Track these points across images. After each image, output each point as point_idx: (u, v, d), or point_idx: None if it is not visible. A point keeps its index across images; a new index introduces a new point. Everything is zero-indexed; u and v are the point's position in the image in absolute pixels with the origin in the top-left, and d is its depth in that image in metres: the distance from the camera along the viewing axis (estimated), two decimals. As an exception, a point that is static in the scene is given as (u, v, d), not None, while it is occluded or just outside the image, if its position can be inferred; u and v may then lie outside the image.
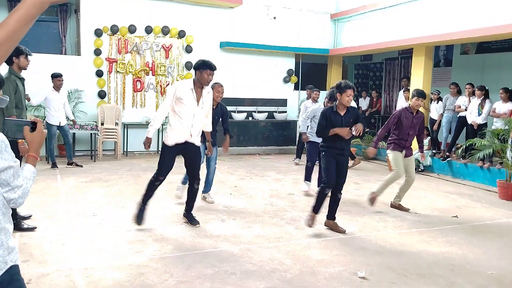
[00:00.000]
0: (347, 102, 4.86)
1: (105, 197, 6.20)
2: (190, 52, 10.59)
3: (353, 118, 4.96)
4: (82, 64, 9.77)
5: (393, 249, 4.57)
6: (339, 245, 4.61)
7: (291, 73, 11.81)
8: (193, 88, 4.69)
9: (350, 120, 4.94)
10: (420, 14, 9.26)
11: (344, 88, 4.82)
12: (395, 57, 13.31)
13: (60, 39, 10.71)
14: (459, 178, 8.64)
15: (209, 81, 4.73)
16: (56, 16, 10.78)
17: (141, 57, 10.22)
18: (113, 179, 7.43)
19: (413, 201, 6.57)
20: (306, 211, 5.83)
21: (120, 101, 10.12)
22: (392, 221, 5.58)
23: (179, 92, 4.67)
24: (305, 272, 3.89)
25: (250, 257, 4.17)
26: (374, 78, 14.67)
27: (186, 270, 3.81)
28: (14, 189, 1.70)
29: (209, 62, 4.71)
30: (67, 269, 3.74)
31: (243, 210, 5.84)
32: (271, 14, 11.24)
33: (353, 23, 11.46)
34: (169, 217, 5.37)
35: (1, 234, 1.71)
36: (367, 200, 6.07)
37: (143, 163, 9.04)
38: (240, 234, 4.84)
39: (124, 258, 4.04)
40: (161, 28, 10.27)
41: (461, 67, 10.95)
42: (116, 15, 9.87)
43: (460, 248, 4.67)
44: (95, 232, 4.73)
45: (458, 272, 4.03)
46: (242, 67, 11.11)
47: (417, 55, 9.78)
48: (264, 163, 9.79)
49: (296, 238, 4.78)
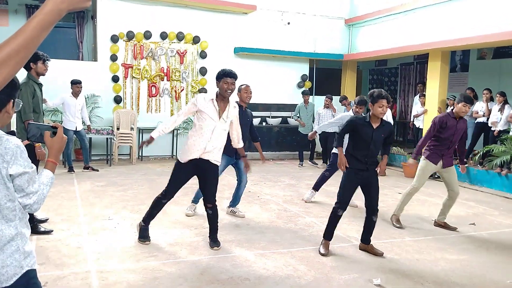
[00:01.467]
0: (380, 113, 4.26)
1: (121, 201, 6.25)
2: (204, 58, 10.66)
3: (385, 134, 4.40)
4: (99, 69, 9.90)
5: (409, 256, 4.50)
6: (354, 252, 4.56)
7: (305, 78, 11.80)
8: (214, 99, 4.29)
9: (382, 135, 4.38)
10: (436, 19, 9.17)
11: (376, 98, 4.24)
12: (410, 62, 13.20)
13: (77, 45, 10.90)
14: (477, 185, 8.50)
15: (228, 91, 4.24)
16: (73, 23, 10.98)
17: (156, 62, 10.32)
18: (128, 183, 7.49)
19: (430, 208, 6.48)
20: (320, 217, 5.80)
21: (135, 106, 10.22)
22: (408, 228, 5.51)
23: (200, 104, 4.28)
24: (319, 278, 3.85)
25: (264, 263, 4.15)
26: (389, 83, 14.57)
27: (200, 275, 3.82)
28: (29, 195, 1.71)
29: (228, 70, 4.32)
30: (83, 272, 3.78)
31: (257, 215, 5.83)
32: (285, 20, 11.25)
33: (367, 28, 11.41)
34: (183, 221, 5.39)
35: (18, 239, 1.73)
36: (393, 224, 5.55)
37: (158, 168, 9.10)
38: (253, 240, 4.82)
39: (139, 262, 4.06)
40: (176, 34, 10.36)
41: (478, 72, 10.82)
42: (132, 21, 10.00)
43: (478, 256, 4.59)
44: (111, 236, 4.77)
45: (476, 280, 3.95)
46: (256, 73, 11.13)
47: (433, 60, 9.69)
48: (277, 169, 9.77)
49: (311, 244, 4.74)
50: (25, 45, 1.21)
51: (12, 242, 1.70)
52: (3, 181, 1.63)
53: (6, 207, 1.66)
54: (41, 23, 1.24)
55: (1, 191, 1.64)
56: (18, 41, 1.20)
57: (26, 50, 1.22)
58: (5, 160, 1.62)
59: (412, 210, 6.41)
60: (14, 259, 1.71)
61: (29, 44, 1.22)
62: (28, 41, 1.21)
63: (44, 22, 1.24)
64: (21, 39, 1.20)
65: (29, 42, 1.22)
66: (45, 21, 1.25)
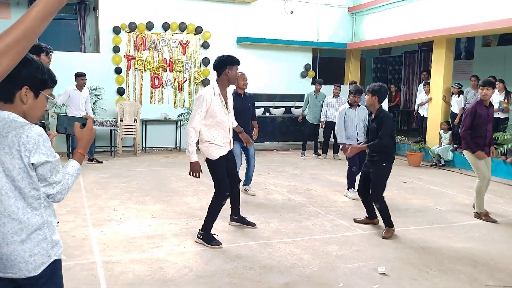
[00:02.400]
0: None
1: (125, 193, 6.27)
2: (207, 48, 10.61)
3: (377, 124, 4.72)
4: (101, 61, 9.89)
5: (414, 245, 4.50)
6: (358, 241, 4.57)
7: (309, 68, 11.73)
8: (220, 93, 4.21)
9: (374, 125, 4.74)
10: (441, 6, 9.07)
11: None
12: (414, 50, 13.10)
13: (79, 37, 10.86)
14: (481, 173, 8.45)
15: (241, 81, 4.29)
16: (75, 14, 10.93)
17: (158, 53, 10.28)
18: (133, 174, 7.51)
19: (435, 197, 6.47)
20: (324, 206, 5.80)
21: (138, 97, 10.22)
22: (412, 216, 5.50)
23: (211, 104, 4.15)
24: (324, 267, 3.86)
25: (269, 252, 4.17)
26: (393, 72, 14.47)
27: (205, 265, 3.83)
28: (52, 184, 1.70)
29: (235, 57, 4.32)
30: (89, 263, 3.80)
31: (261, 205, 5.84)
32: (288, 9, 11.15)
33: (371, 16, 11.30)
34: (188, 212, 5.41)
35: (45, 227, 1.73)
36: (486, 220, 5.37)
37: (162, 159, 9.12)
38: (258, 230, 4.83)
39: (144, 253, 4.08)
40: (178, 24, 10.31)
41: (483, 59, 10.72)
42: (134, 13, 9.95)
43: (483, 244, 4.58)
44: (116, 227, 4.79)
45: (481, 268, 3.95)
46: (259, 63, 11.08)
47: (438, 47, 9.60)
48: (281, 159, 9.76)
49: (315, 234, 4.75)
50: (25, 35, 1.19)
51: (39, 230, 1.71)
52: (25, 170, 1.63)
53: (31, 195, 1.67)
54: (41, 12, 1.22)
55: (24, 179, 1.64)
56: (18, 31, 1.18)
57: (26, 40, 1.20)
58: (27, 149, 1.62)
59: (416, 198, 6.40)
60: (41, 247, 1.72)
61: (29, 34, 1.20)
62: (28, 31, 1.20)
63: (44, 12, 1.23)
64: (21, 29, 1.19)
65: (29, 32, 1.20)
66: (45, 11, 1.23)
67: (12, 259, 1.67)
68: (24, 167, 1.63)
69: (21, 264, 1.68)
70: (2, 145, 1.61)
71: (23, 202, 1.66)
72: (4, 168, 1.62)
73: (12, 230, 1.66)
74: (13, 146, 1.61)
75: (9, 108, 1.66)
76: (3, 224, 1.65)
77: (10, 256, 1.67)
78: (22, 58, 1.59)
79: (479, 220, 5.40)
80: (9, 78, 1.58)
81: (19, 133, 1.62)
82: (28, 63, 1.65)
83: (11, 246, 1.66)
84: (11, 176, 1.63)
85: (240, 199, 5.04)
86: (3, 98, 1.66)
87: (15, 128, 1.62)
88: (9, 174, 1.63)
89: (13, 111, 1.66)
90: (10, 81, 1.60)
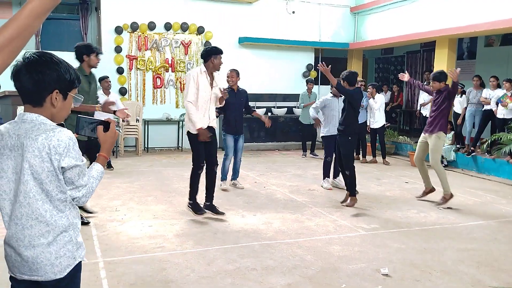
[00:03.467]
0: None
1: (127, 193, 6.27)
2: (209, 48, 10.59)
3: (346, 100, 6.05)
4: (103, 61, 9.72)
5: (417, 245, 4.49)
6: (361, 242, 4.55)
7: (311, 68, 11.72)
8: (206, 71, 5.00)
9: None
10: (443, 6, 9.05)
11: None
12: (417, 50, 13.06)
13: (81, 37, 10.86)
14: (484, 173, 8.44)
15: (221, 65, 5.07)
16: (77, 14, 10.94)
17: (160, 53, 10.29)
18: (135, 174, 7.51)
19: (437, 197, 6.44)
20: (327, 207, 5.79)
21: (140, 97, 10.22)
22: (415, 217, 5.49)
23: (199, 80, 4.93)
24: (326, 268, 3.85)
25: (271, 253, 4.16)
26: (395, 72, 14.41)
27: (207, 266, 3.82)
28: (78, 188, 1.71)
29: (219, 48, 5.08)
30: (91, 264, 3.80)
31: (263, 205, 5.83)
32: (290, 9, 11.15)
33: (373, 16, 11.28)
34: (189, 212, 5.39)
35: (70, 229, 1.73)
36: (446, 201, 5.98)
37: (164, 159, 9.12)
38: (260, 230, 4.83)
39: (146, 253, 4.08)
40: (180, 24, 10.31)
41: (486, 59, 10.68)
42: (136, 12, 9.95)
43: (486, 245, 4.56)
44: (118, 227, 4.79)
45: (484, 269, 3.93)
46: (261, 63, 11.07)
47: (440, 47, 9.57)
48: (283, 159, 9.75)
49: (317, 234, 4.74)
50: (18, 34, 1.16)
51: (65, 232, 1.71)
52: (54, 173, 1.64)
53: (58, 198, 1.67)
54: (34, 10, 1.19)
55: (53, 182, 1.64)
56: (11, 30, 1.16)
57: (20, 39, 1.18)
58: (58, 152, 1.62)
59: (419, 199, 6.38)
60: (67, 249, 1.72)
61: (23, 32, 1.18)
62: (21, 30, 1.17)
63: (37, 10, 1.19)
64: (14, 27, 1.16)
65: (22, 31, 1.17)
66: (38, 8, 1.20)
67: (38, 262, 1.67)
68: (53, 170, 1.63)
69: (47, 267, 1.68)
70: (32, 148, 1.61)
71: (49, 205, 1.66)
72: (33, 171, 1.62)
73: (39, 233, 1.66)
74: (43, 149, 1.61)
75: (37, 110, 1.65)
76: (30, 227, 1.65)
77: (36, 259, 1.67)
78: (51, 61, 1.61)
79: (481, 221, 5.39)
80: (39, 83, 1.59)
81: (49, 136, 1.61)
82: (57, 66, 1.64)
83: (37, 249, 1.66)
84: (39, 179, 1.63)
85: (241, 198, 5.06)
86: (33, 102, 1.65)
87: (45, 131, 1.62)
88: (37, 177, 1.63)
89: (41, 113, 1.65)
90: (40, 86, 1.61)
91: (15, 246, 1.67)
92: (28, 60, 1.60)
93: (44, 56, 1.63)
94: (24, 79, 1.59)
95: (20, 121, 1.65)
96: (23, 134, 1.62)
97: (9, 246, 1.70)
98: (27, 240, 1.66)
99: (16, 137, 1.63)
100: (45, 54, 1.64)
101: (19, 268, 1.69)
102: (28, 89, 1.61)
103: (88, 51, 4.64)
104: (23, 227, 1.65)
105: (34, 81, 1.60)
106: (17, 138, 1.63)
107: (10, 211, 1.67)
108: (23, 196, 1.63)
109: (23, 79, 1.60)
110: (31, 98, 1.64)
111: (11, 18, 1.17)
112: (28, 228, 1.65)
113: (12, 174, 1.65)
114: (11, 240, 1.68)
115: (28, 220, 1.65)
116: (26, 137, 1.61)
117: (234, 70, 6.53)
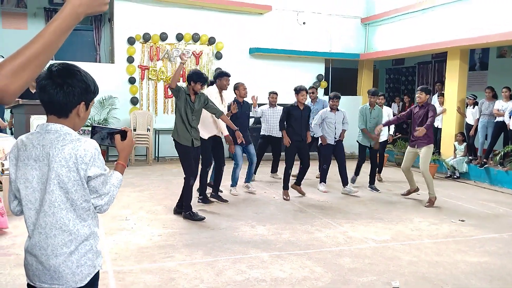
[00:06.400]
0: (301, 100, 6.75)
1: (137, 202, 6.29)
2: (220, 59, 10.68)
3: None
4: (116, 71, 10.00)
5: (429, 258, 4.42)
6: (372, 254, 4.50)
7: (321, 78, 11.72)
8: (217, 91, 6.21)
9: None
10: (455, 17, 9.02)
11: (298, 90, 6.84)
12: (428, 61, 13.00)
13: (95, 47, 11.03)
14: (497, 185, 8.33)
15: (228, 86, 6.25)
16: (91, 25, 11.12)
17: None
18: (145, 184, 7.54)
19: (449, 210, 6.37)
20: (336, 218, 5.75)
21: (152, 107, 10.30)
22: (427, 229, 5.42)
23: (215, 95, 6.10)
24: (336, 280, 3.81)
25: (280, 264, 4.13)
26: (406, 82, 14.37)
27: (216, 276, 3.81)
28: (102, 196, 1.73)
29: (225, 71, 6.28)
30: (100, 272, 3.79)
31: (273, 216, 5.81)
32: (301, 20, 11.20)
33: (384, 27, 11.28)
34: (199, 222, 5.40)
35: (91, 238, 1.76)
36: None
37: (174, 169, 9.14)
38: (270, 241, 4.80)
39: (156, 263, 4.08)
40: (192, 35, 10.41)
41: (498, 70, 10.59)
42: (148, 24, 10.07)
43: (499, 258, 4.48)
44: (128, 236, 4.80)
45: (497, 283, 3.86)
46: (271, 73, 11.10)
47: (452, 58, 9.52)
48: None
49: (327, 246, 4.70)
50: (44, 49, 1.22)
51: (86, 241, 1.73)
52: (80, 182, 1.66)
53: (82, 207, 1.69)
54: (59, 27, 1.25)
55: (78, 191, 1.66)
56: (38, 45, 1.21)
57: (45, 54, 1.23)
58: (84, 162, 1.64)
59: (431, 211, 6.31)
60: (88, 258, 1.74)
61: (48, 48, 1.23)
62: (47, 46, 1.23)
63: (62, 27, 1.26)
64: (40, 43, 1.22)
65: (48, 46, 1.23)
66: (63, 25, 1.26)
67: (60, 271, 1.68)
68: (79, 180, 1.65)
69: (69, 276, 1.69)
70: (58, 158, 1.63)
71: (73, 214, 1.68)
72: (60, 180, 1.64)
73: (62, 242, 1.68)
74: (70, 159, 1.63)
75: (62, 121, 1.67)
76: (53, 236, 1.67)
77: (58, 268, 1.68)
78: (79, 73, 1.64)
79: (494, 234, 5.30)
80: (69, 95, 1.62)
81: (76, 146, 1.64)
82: (85, 78, 1.67)
83: (60, 258, 1.68)
84: (65, 188, 1.64)
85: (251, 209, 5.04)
86: (59, 113, 1.67)
87: (71, 141, 1.64)
88: (63, 187, 1.64)
89: (65, 124, 1.67)
90: (70, 98, 1.64)
91: (38, 255, 1.69)
92: (56, 73, 1.63)
93: (72, 68, 1.66)
94: (53, 92, 1.62)
95: (44, 131, 1.66)
96: (48, 144, 1.64)
97: (31, 255, 1.71)
98: (50, 249, 1.67)
99: (41, 147, 1.65)
100: (71, 66, 1.67)
101: (39, 276, 1.70)
102: (58, 101, 1.63)
103: (201, 79, 5.46)
104: (47, 236, 1.67)
105: (64, 94, 1.62)
106: (42, 148, 1.64)
107: (36, 220, 1.68)
108: (48, 206, 1.65)
109: (52, 92, 1.62)
110: (58, 109, 1.66)
111: (37, 35, 1.23)
112: (51, 238, 1.67)
113: (37, 184, 1.66)
114: (34, 249, 1.69)
115: (52, 229, 1.66)
116: (52, 147, 1.63)
117: (244, 83, 7.03)
